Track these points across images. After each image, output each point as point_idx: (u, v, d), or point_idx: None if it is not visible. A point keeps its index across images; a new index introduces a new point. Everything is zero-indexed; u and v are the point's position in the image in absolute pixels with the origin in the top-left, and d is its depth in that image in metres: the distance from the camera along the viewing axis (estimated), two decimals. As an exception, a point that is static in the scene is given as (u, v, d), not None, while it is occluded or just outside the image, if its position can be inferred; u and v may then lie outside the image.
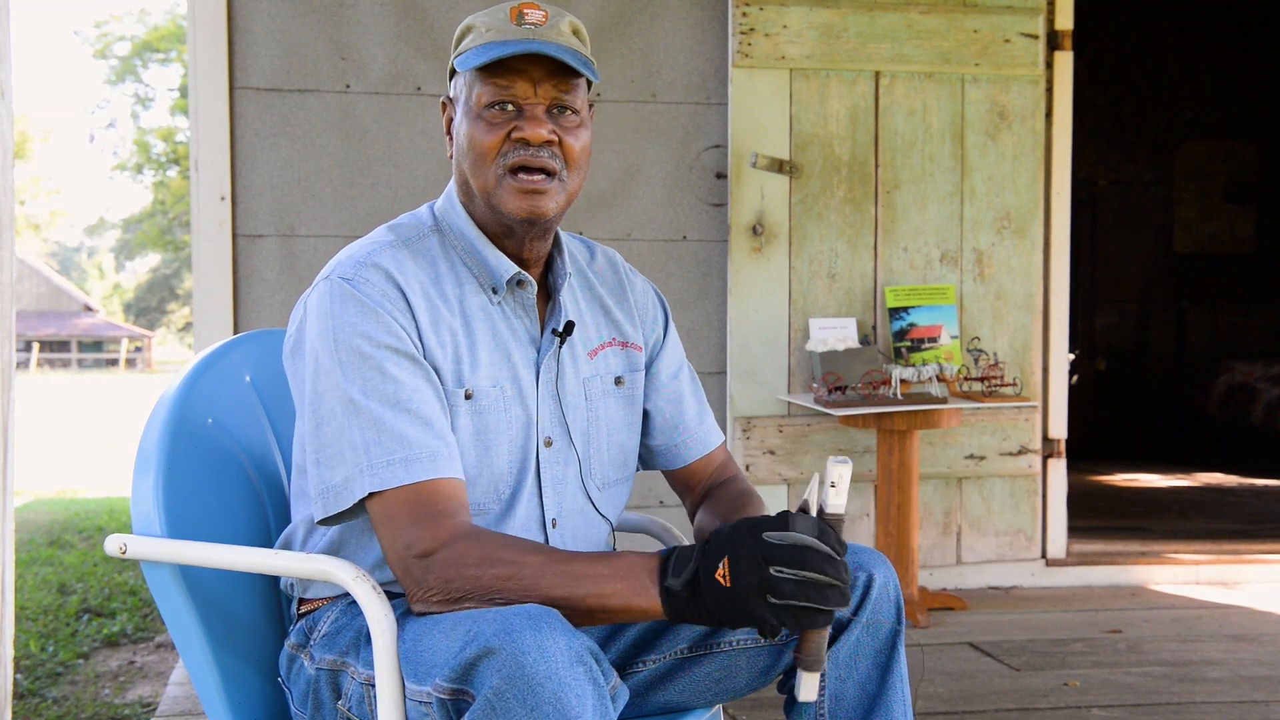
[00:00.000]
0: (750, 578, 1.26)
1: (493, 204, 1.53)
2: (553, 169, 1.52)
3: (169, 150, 27.92)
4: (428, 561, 1.37)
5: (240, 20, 3.73)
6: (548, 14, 1.52)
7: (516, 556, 1.35)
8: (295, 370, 1.55)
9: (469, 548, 1.36)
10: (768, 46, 3.94)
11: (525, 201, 1.51)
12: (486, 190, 1.53)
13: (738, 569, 1.26)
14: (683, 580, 1.30)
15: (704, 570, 1.29)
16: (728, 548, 1.28)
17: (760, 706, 2.87)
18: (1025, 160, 4.13)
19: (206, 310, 3.72)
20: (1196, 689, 3.07)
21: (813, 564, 1.26)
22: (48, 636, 3.85)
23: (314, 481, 1.47)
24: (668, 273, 3.99)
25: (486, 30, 1.52)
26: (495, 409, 1.55)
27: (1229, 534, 5.20)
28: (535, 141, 1.50)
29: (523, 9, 1.51)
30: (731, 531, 1.30)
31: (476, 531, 1.39)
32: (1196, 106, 8.83)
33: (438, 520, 1.39)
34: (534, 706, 1.20)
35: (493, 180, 1.52)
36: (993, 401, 3.72)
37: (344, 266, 1.52)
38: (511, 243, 1.58)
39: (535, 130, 1.49)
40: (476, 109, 1.52)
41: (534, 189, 1.51)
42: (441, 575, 1.36)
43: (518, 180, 1.51)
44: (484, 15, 1.55)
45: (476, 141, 1.52)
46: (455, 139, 1.57)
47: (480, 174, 1.53)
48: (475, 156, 1.52)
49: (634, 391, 1.72)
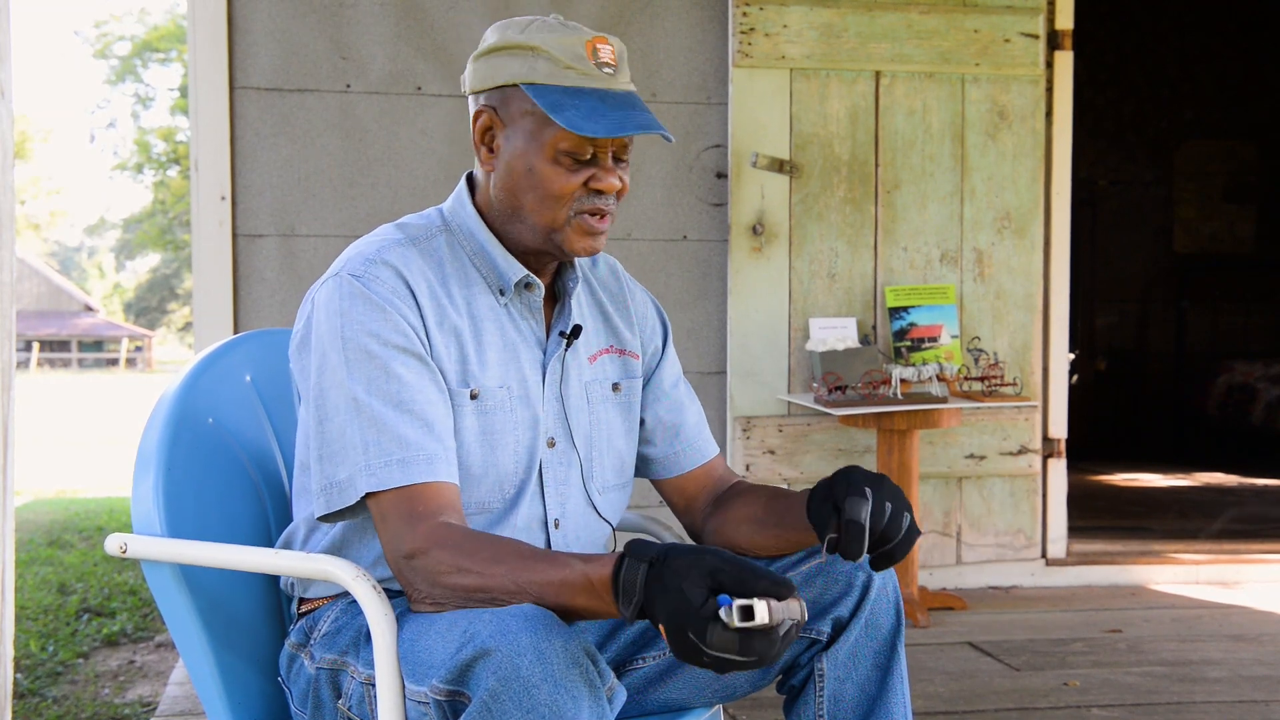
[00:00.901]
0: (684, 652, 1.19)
1: (555, 240, 1.54)
2: (613, 213, 1.56)
3: (169, 150, 27.92)
4: (411, 564, 1.39)
5: (240, 20, 3.73)
6: (614, 50, 1.52)
7: (482, 567, 1.34)
8: (301, 365, 1.55)
9: (442, 555, 1.37)
10: (768, 46, 3.94)
11: (589, 243, 1.55)
12: (551, 227, 1.53)
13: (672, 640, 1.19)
14: (632, 613, 1.24)
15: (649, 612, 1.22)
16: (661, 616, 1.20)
17: (760, 706, 2.87)
18: (1025, 160, 4.13)
19: (207, 310, 3.72)
20: (1196, 689, 3.07)
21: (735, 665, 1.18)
22: (48, 636, 3.85)
23: (316, 477, 1.47)
24: (668, 272, 3.99)
25: (566, 67, 1.48)
26: (501, 409, 1.56)
27: (1229, 534, 5.20)
28: (610, 192, 1.53)
29: (596, 45, 1.50)
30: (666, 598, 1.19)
31: (452, 537, 1.39)
32: (1196, 106, 8.83)
33: (420, 522, 1.40)
34: (529, 709, 1.20)
35: (562, 220, 1.53)
36: (993, 401, 3.72)
37: (354, 263, 1.52)
38: (531, 260, 1.60)
39: (611, 181, 1.52)
40: (551, 150, 1.50)
41: (598, 231, 1.55)
42: (421, 580, 1.38)
43: (585, 222, 1.53)
44: (554, 43, 1.49)
45: (553, 185, 1.51)
46: (507, 162, 1.54)
47: (549, 214, 1.53)
48: (547, 196, 1.52)
49: (630, 399, 1.72)
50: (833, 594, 1.56)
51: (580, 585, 1.28)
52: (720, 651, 1.16)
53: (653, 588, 1.21)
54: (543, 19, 1.52)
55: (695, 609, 1.17)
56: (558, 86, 1.48)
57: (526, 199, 1.53)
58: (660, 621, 1.20)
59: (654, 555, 1.23)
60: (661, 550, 1.23)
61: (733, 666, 1.18)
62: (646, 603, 1.22)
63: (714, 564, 1.20)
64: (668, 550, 1.22)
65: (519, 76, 1.50)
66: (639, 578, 1.22)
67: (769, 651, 1.18)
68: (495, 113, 1.54)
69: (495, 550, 1.36)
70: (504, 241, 1.59)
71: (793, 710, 1.60)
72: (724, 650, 1.16)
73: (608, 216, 1.55)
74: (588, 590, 1.28)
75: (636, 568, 1.23)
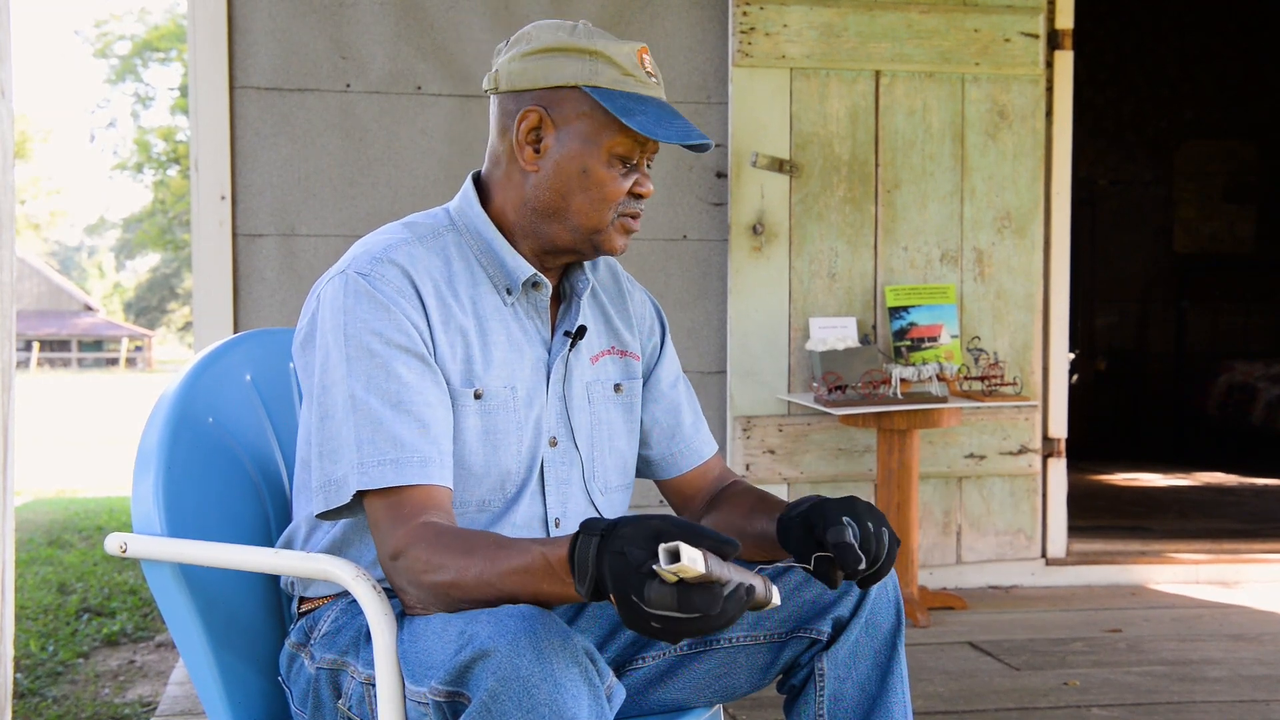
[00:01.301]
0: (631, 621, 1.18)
1: (595, 240, 1.57)
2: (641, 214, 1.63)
3: (169, 149, 27.92)
4: (395, 565, 1.39)
5: (240, 20, 3.73)
6: (652, 60, 1.59)
7: (455, 562, 1.34)
8: (305, 362, 1.56)
9: (419, 553, 1.36)
10: (768, 46, 3.94)
11: (625, 240, 1.61)
12: (597, 229, 1.57)
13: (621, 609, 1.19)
14: (588, 589, 1.23)
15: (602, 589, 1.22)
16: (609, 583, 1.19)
17: (760, 706, 2.87)
18: (1025, 160, 4.13)
19: (206, 310, 3.72)
20: (1196, 688, 3.08)
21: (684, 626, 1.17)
22: (48, 636, 3.85)
23: (316, 474, 1.48)
24: (668, 272, 3.99)
25: (625, 74, 1.53)
26: (505, 409, 1.56)
27: (1229, 533, 5.20)
28: (646, 196, 1.59)
29: (643, 55, 1.56)
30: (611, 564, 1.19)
31: (428, 534, 1.38)
32: (1196, 106, 8.83)
33: (403, 523, 1.40)
34: (529, 709, 1.20)
35: (606, 222, 1.56)
36: (993, 401, 3.72)
37: (360, 261, 1.52)
38: (550, 259, 1.61)
39: (648, 187, 1.59)
40: (607, 154, 1.53)
41: (634, 231, 1.62)
42: (405, 580, 1.38)
43: (625, 223, 1.59)
44: (614, 48, 1.53)
45: (606, 187, 1.54)
46: (556, 163, 1.54)
47: (597, 214, 1.55)
48: (599, 198, 1.55)
49: (632, 400, 1.73)
50: (832, 594, 1.56)
51: (542, 570, 1.27)
52: (660, 609, 1.15)
53: (603, 559, 1.20)
54: (574, 23, 1.55)
55: (634, 568, 1.17)
56: (622, 92, 1.51)
57: (575, 200, 1.55)
58: (610, 591, 1.19)
59: (604, 528, 1.22)
60: (611, 522, 1.22)
61: (682, 628, 1.16)
62: (599, 576, 1.21)
63: (659, 526, 1.19)
64: (617, 521, 1.22)
65: (580, 79, 1.51)
66: (591, 552, 1.21)
67: (712, 608, 1.15)
68: (546, 113, 1.54)
69: (468, 544, 1.35)
70: (516, 242, 1.59)
71: (793, 710, 1.60)
72: (663, 606, 1.14)
73: (639, 218, 1.61)
74: (549, 574, 1.27)
75: (589, 543, 1.22)
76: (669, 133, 1.50)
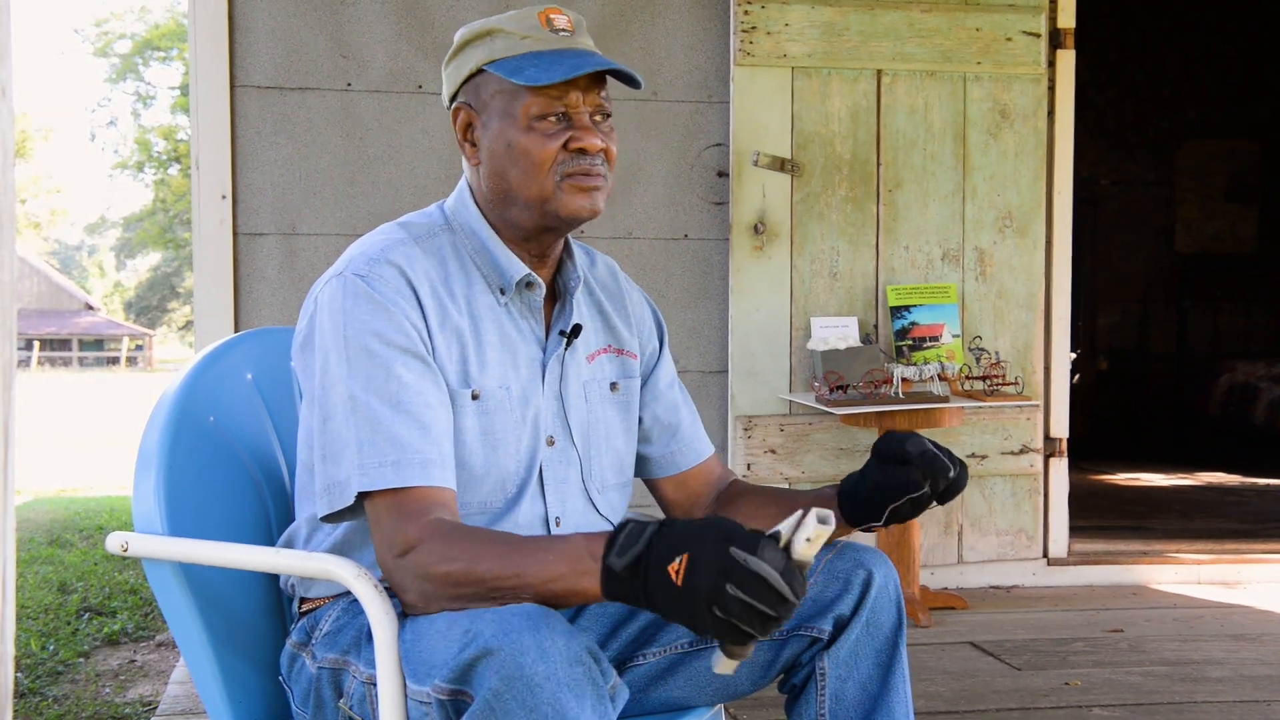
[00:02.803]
0: (704, 586, 1.19)
1: (549, 209, 1.53)
2: (603, 174, 1.55)
3: (170, 148, 27.95)
4: (401, 563, 1.38)
5: (241, 18, 3.73)
6: (570, 19, 1.55)
7: (473, 550, 1.35)
8: (304, 364, 1.55)
9: (434, 545, 1.37)
10: (769, 45, 3.94)
11: (586, 200, 1.53)
12: (543, 197, 1.53)
13: (695, 573, 1.19)
14: (626, 560, 1.24)
15: (654, 558, 1.23)
16: (689, 546, 1.21)
17: (761, 706, 2.87)
18: (1027, 159, 4.13)
19: (207, 309, 3.72)
20: (1198, 688, 3.07)
21: (766, 597, 1.18)
22: (48, 635, 3.85)
23: (319, 477, 1.47)
24: (669, 272, 3.99)
25: (523, 38, 1.51)
26: (502, 409, 1.56)
27: (1231, 533, 5.20)
28: (593, 151, 1.52)
29: (549, 14, 1.53)
30: (698, 531, 1.22)
31: (440, 530, 1.39)
32: (1198, 106, 8.83)
33: (411, 521, 1.40)
34: (533, 707, 1.20)
35: (550, 188, 1.52)
36: (994, 401, 3.72)
37: (358, 262, 1.52)
38: (536, 246, 1.60)
39: (592, 140, 1.52)
40: (524, 120, 1.51)
41: (592, 186, 1.53)
42: (412, 577, 1.38)
43: (575, 180, 1.52)
44: (508, 20, 1.53)
45: (532, 153, 1.51)
46: (489, 148, 1.55)
47: (536, 183, 1.52)
48: (530, 166, 1.52)
49: (629, 399, 1.73)
50: (833, 592, 1.56)
51: (568, 551, 1.30)
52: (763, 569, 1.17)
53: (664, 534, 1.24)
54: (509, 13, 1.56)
55: (748, 533, 1.20)
56: (516, 55, 1.51)
57: (512, 176, 1.54)
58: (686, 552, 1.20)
59: (661, 520, 1.27)
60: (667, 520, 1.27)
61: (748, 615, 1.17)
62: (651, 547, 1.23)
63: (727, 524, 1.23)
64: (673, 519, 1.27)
65: (481, 60, 1.54)
66: (646, 531, 1.25)
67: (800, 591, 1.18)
68: (470, 106, 1.57)
69: (485, 535, 1.38)
70: (505, 237, 1.59)
71: (794, 709, 1.60)
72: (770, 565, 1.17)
73: (599, 177, 1.54)
74: (572, 554, 1.29)
75: (642, 526, 1.26)
76: (553, 73, 1.47)
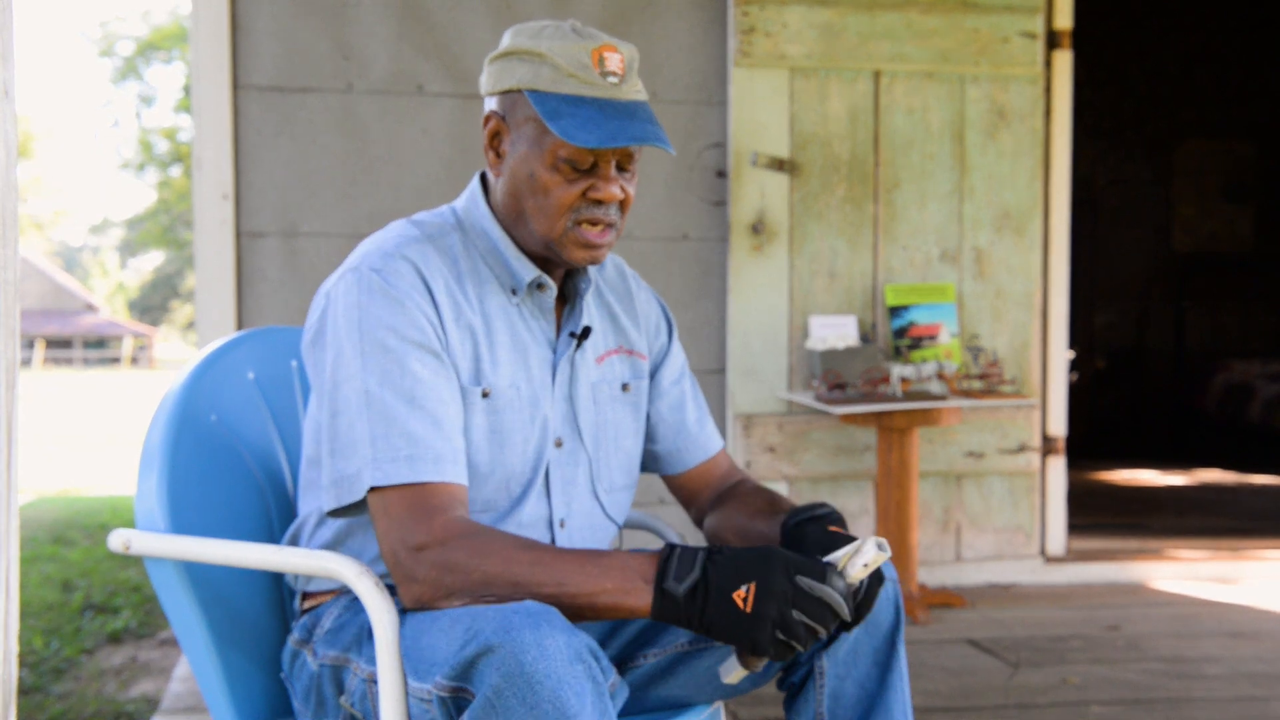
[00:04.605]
0: (773, 612, 1.28)
1: (552, 249, 1.54)
2: (615, 223, 1.55)
3: (172, 149, 27.92)
4: (421, 555, 1.38)
5: (243, 20, 3.74)
6: (623, 58, 1.50)
7: (507, 553, 1.36)
8: (315, 360, 1.54)
9: (463, 543, 1.37)
10: (768, 46, 3.95)
11: (587, 254, 1.54)
12: (550, 235, 1.53)
13: (763, 600, 1.28)
14: (685, 586, 1.30)
15: (717, 584, 1.29)
16: (756, 574, 1.29)
17: (761, 703, 2.88)
18: (1024, 159, 4.15)
19: (209, 308, 3.74)
20: (1195, 685, 3.08)
21: (828, 621, 1.30)
22: (52, 633, 3.86)
23: (327, 471, 1.47)
24: (668, 271, 4.00)
25: (569, 75, 1.47)
26: (511, 408, 1.56)
27: (1227, 531, 5.21)
28: (610, 201, 1.52)
29: (604, 54, 1.48)
30: (764, 562, 1.30)
31: (472, 527, 1.40)
32: (1195, 106, 8.82)
33: (434, 516, 1.40)
34: (533, 705, 1.20)
35: (560, 230, 1.52)
36: (992, 399, 3.73)
37: (373, 257, 1.51)
38: (543, 264, 1.60)
39: (611, 190, 1.51)
40: (552, 158, 1.49)
41: (597, 245, 1.53)
42: (433, 569, 1.37)
43: (582, 234, 1.52)
44: (560, 51, 1.48)
45: (552, 193, 1.50)
46: (513, 168, 1.54)
47: (547, 221, 1.52)
48: (547, 205, 1.51)
49: (639, 399, 1.73)
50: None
51: (615, 567, 1.35)
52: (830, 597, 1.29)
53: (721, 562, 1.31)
54: (557, 24, 1.52)
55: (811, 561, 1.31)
56: (558, 94, 1.47)
57: (528, 205, 1.53)
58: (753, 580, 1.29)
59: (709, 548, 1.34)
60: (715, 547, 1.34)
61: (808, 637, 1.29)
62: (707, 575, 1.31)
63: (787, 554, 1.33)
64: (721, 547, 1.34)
65: (524, 82, 1.50)
66: (698, 557, 1.32)
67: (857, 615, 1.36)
68: (503, 118, 1.54)
69: (514, 539, 1.39)
70: (515, 242, 1.60)
71: (793, 708, 1.61)
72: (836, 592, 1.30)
73: (609, 229, 1.54)
74: (619, 572, 1.34)
75: (693, 553, 1.33)
76: (590, 136, 1.43)
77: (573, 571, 1.34)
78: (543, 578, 1.34)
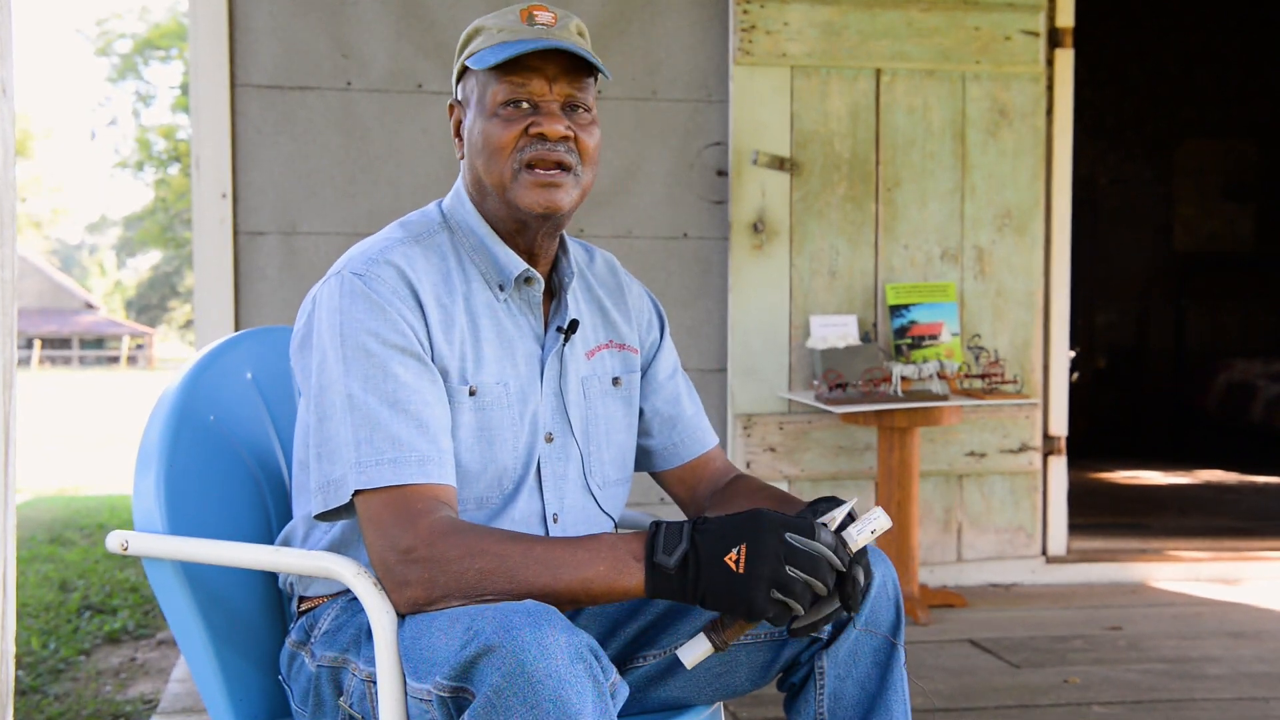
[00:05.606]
0: (766, 570, 1.28)
1: (509, 199, 1.55)
2: (568, 164, 1.54)
3: (170, 147, 27.93)
4: (410, 558, 1.37)
5: (241, 18, 3.73)
6: (556, 15, 1.56)
7: (497, 548, 1.36)
8: (302, 363, 1.55)
9: (452, 542, 1.37)
10: (768, 44, 3.94)
11: (542, 195, 1.53)
12: (503, 185, 1.54)
13: (757, 559, 1.28)
14: (676, 558, 1.31)
15: (707, 551, 1.30)
16: (745, 536, 1.29)
17: (761, 704, 2.88)
18: (1026, 158, 4.14)
19: (208, 307, 3.73)
20: (1197, 686, 3.08)
21: (822, 575, 1.29)
22: (49, 633, 3.85)
23: (314, 476, 1.48)
24: (668, 270, 3.99)
25: (499, 31, 1.54)
26: (499, 405, 1.56)
27: (1229, 531, 5.21)
28: (553, 137, 1.52)
29: (533, 10, 1.54)
30: (751, 522, 1.31)
31: (458, 526, 1.39)
32: (1196, 105, 8.82)
33: (419, 518, 1.39)
34: (534, 704, 1.20)
35: (509, 175, 1.53)
36: (993, 399, 3.72)
37: (356, 262, 1.52)
38: (523, 240, 1.60)
39: (553, 126, 1.51)
40: (491, 107, 1.54)
41: (550, 182, 1.53)
42: (425, 570, 1.36)
43: (534, 174, 1.53)
44: (493, 17, 1.57)
45: (493, 138, 1.53)
46: (467, 139, 1.58)
47: (496, 169, 1.54)
48: (491, 152, 1.53)
49: (631, 393, 1.73)
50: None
51: (604, 549, 1.35)
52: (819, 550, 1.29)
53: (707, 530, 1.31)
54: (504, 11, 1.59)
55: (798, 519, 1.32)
56: (487, 47, 1.54)
57: (479, 164, 1.56)
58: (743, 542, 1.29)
59: (693, 519, 1.34)
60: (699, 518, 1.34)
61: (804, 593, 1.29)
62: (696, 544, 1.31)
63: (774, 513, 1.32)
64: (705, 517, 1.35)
65: (464, 58, 1.58)
66: (684, 529, 1.33)
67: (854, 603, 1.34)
68: (459, 102, 1.62)
69: (503, 533, 1.39)
70: (498, 232, 1.60)
71: (793, 708, 1.61)
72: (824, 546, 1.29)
73: (562, 170, 1.54)
74: (609, 553, 1.35)
75: (678, 526, 1.33)
76: (504, 52, 1.49)
77: (564, 559, 1.35)
78: (535, 568, 1.34)
